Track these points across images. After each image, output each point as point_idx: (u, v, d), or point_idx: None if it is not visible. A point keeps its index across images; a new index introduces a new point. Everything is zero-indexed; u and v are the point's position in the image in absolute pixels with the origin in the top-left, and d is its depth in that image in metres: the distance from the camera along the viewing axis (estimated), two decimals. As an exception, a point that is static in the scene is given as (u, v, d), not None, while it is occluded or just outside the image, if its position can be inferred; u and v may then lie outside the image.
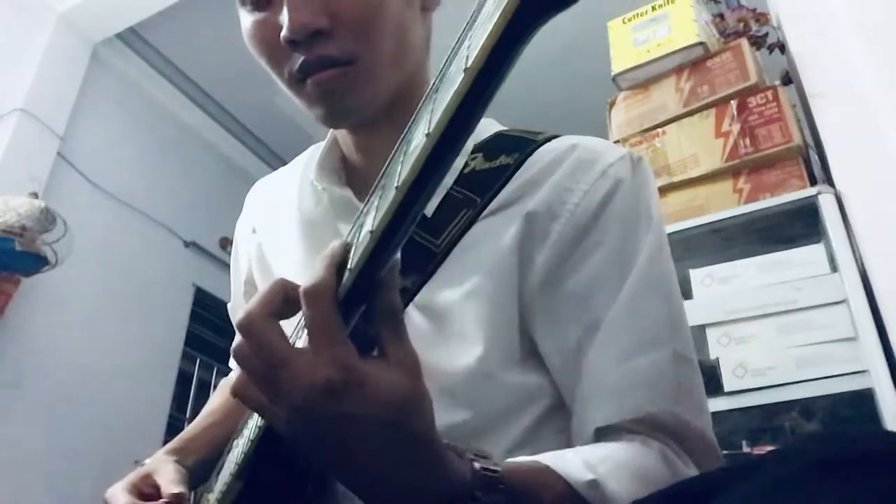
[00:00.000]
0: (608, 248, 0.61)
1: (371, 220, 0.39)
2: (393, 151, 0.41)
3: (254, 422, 0.56)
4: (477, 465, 0.43)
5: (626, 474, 0.51)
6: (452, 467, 0.42)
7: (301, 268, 0.70)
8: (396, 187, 0.37)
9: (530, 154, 0.65)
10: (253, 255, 0.80)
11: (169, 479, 0.64)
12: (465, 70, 0.32)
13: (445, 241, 0.62)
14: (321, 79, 0.60)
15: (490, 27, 0.30)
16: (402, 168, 0.37)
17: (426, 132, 0.35)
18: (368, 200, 0.43)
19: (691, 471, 0.56)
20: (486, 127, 0.72)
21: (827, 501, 0.30)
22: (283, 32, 0.58)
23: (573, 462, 0.51)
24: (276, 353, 0.39)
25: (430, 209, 0.64)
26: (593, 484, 0.49)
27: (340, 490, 0.60)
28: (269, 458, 0.56)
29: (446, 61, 0.36)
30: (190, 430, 0.78)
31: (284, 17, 0.58)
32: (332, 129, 0.74)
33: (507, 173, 0.64)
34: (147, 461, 0.70)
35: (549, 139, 0.67)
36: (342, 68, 0.60)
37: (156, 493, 0.65)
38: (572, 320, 0.60)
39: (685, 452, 0.57)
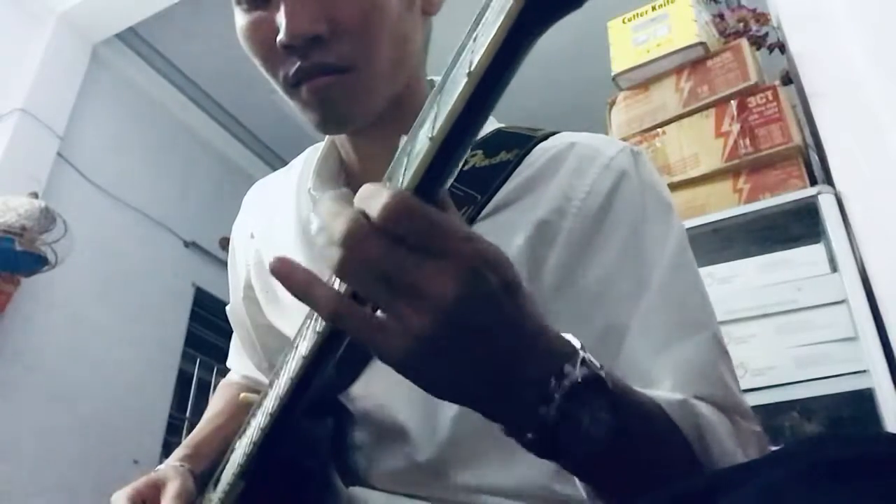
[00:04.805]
0: (621, 239, 0.60)
1: None
2: (396, 154, 0.40)
3: (256, 423, 0.56)
4: (577, 343, 0.40)
5: (702, 406, 0.51)
6: (556, 334, 0.40)
7: None
8: None
9: (530, 150, 0.65)
10: (251, 260, 0.80)
11: (173, 493, 0.63)
12: (469, 74, 0.32)
13: None
14: (317, 85, 0.59)
15: (494, 31, 0.30)
16: (406, 171, 0.37)
17: (430, 136, 0.34)
18: None
19: (752, 425, 0.55)
20: (486, 124, 0.71)
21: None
22: (280, 37, 0.57)
23: (656, 391, 0.50)
24: (405, 260, 0.34)
25: None
26: (683, 403, 0.49)
27: (343, 489, 0.60)
28: (271, 459, 0.56)
29: (451, 64, 0.36)
30: (198, 434, 0.77)
31: (282, 21, 0.57)
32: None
33: (507, 170, 0.64)
34: (160, 467, 0.69)
35: (547, 136, 0.67)
36: (339, 76, 0.59)
37: None
38: (593, 315, 0.58)
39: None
